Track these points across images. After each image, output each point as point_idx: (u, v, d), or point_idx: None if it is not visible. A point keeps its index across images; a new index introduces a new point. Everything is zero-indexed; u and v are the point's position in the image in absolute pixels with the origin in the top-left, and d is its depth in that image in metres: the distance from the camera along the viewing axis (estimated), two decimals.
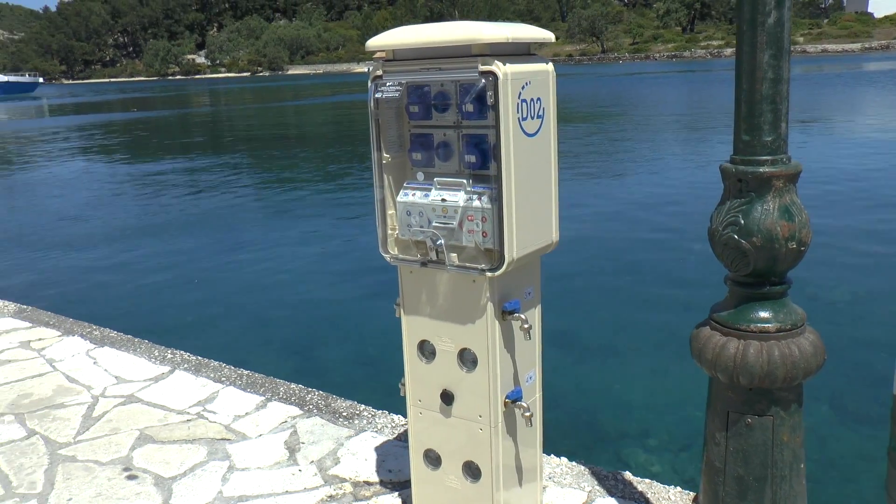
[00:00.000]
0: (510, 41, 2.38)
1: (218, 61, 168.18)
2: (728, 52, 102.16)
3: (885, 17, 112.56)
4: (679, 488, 3.29)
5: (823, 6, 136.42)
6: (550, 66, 2.55)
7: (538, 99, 2.49)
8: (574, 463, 3.50)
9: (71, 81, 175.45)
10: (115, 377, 4.76)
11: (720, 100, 31.77)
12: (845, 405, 5.26)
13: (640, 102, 35.70)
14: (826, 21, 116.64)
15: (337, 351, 6.62)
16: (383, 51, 2.56)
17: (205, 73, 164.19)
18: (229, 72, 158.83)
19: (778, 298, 2.36)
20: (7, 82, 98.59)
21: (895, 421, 2.26)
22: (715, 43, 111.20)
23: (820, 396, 5.21)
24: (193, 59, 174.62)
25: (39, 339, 5.50)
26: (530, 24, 2.68)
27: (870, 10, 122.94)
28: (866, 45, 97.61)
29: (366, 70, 2.61)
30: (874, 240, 9.26)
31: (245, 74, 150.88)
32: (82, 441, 3.95)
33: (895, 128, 20.92)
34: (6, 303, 6.45)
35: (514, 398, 2.70)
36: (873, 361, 5.83)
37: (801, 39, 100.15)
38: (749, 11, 2.22)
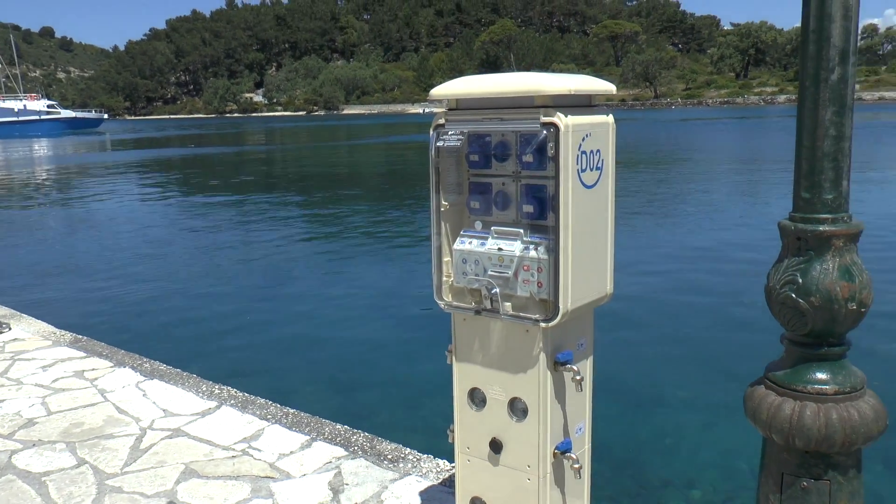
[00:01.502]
0: (572, 93, 2.40)
1: (275, 100, 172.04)
2: (781, 98, 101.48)
3: None
4: None
5: (881, 53, 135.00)
6: (611, 119, 2.57)
7: (598, 151, 2.50)
8: None
9: (133, 117, 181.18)
10: (163, 410, 4.82)
11: (775, 149, 31.42)
12: None
13: (696, 149, 35.47)
14: (884, 68, 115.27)
15: (383, 393, 6.62)
16: (446, 99, 2.59)
17: (261, 112, 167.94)
18: (285, 110, 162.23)
19: (836, 360, 2.31)
20: (74, 118, 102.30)
21: None
22: (769, 89, 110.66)
23: (876, 459, 5.04)
24: (251, 98, 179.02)
25: (93, 370, 5.61)
26: (584, 68, 2.71)
27: None
28: None
29: (420, 111, 2.65)
30: None
31: (301, 113, 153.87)
32: (129, 472, 4.00)
33: None
34: (63, 332, 6.61)
35: (563, 449, 2.67)
36: None
37: (857, 87, 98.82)
38: (812, 67, 2.20)
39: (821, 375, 2.29)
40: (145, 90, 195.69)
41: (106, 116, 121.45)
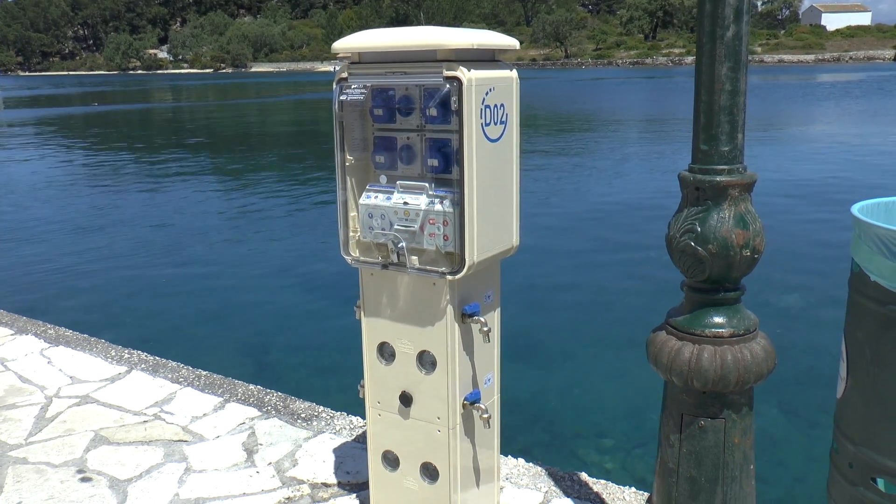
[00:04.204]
0: (475, 48, 2.40)
1: (180, 57, 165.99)
2: (689, 60, 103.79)
3: (836, 30, 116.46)
4: (634, 489, 3.34)
5: (780, 17, 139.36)
6: (514, 73, 2.58)
7: (501, 105, 2.51)
8: (531, 464, 3.53)
9: (28, 74, 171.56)
10: (70, 377, 4.68)
11: (682, 107, 32.21)
12: (793, 408, 5.37)
13: (604, 108, 36.05)
14: (783, 32, 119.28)
15: (296, 353, 6.59)
16: (350, 53, 2.56)
17: (167, 69, 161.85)
18: (192, 68, 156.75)
19: (732, 304, 2.42)
20: None
21: (837, 424, 2.32)
22: (676, 51, 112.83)
23: (769, 399, 5.32)
24: (155, 54, 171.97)
25: None
26: (495, 27, 2.71)
27: (822, 23, 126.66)
28: (819, 57, 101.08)
29: (330, 69, 2.61)
30: (823, 247, 9.48)
31: (208, 71, 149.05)
32: (34, 442, 3.89)
33: (848, 140, 21.40)
34: None
35: (472, 400, 2.72)
36: (819, 365, 5.98)
37: (758, 49, 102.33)
38: (708, 24, 2.27)
39: (717, 319, 2.40)
40: (40, 44, 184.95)
41: None
